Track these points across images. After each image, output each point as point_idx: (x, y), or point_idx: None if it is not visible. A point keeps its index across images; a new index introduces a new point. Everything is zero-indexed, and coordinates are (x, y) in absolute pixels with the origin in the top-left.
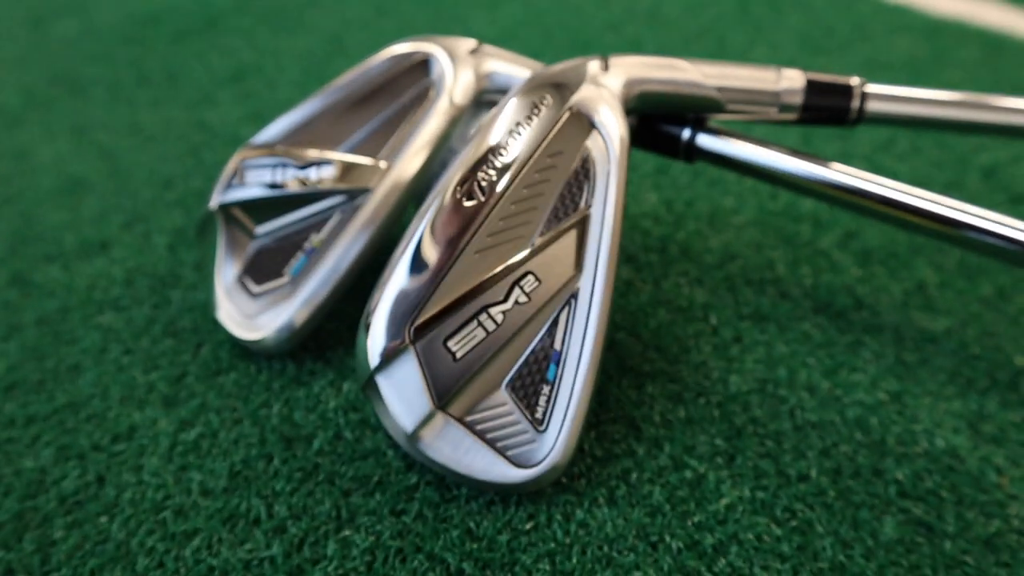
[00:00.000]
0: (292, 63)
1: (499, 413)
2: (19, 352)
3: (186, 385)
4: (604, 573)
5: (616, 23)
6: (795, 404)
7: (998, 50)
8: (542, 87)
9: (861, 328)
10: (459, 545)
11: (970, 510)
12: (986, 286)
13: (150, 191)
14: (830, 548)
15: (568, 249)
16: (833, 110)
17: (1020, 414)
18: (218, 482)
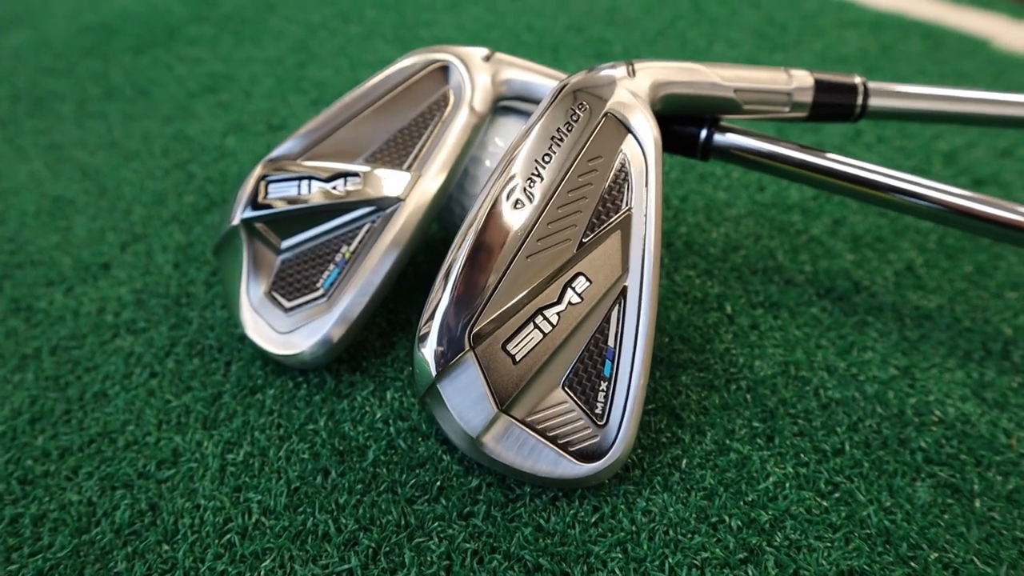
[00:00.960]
0: (264, 72)
1: (560, 411)
2: (38, 383)
3: (224, 405)
4: (675, 556)
5: (579, 24)
6: (818, 384)
7: (939, 43)
8: (577, 94)
9: (864, 310)
10: (533, 542)
11: (988, 471)
12: (966, 264)
13: (143, 209)
14: (874, 515)
15: (614, 249)
16: (839, 107)
17: (1017, 379)
18: (278, 500)
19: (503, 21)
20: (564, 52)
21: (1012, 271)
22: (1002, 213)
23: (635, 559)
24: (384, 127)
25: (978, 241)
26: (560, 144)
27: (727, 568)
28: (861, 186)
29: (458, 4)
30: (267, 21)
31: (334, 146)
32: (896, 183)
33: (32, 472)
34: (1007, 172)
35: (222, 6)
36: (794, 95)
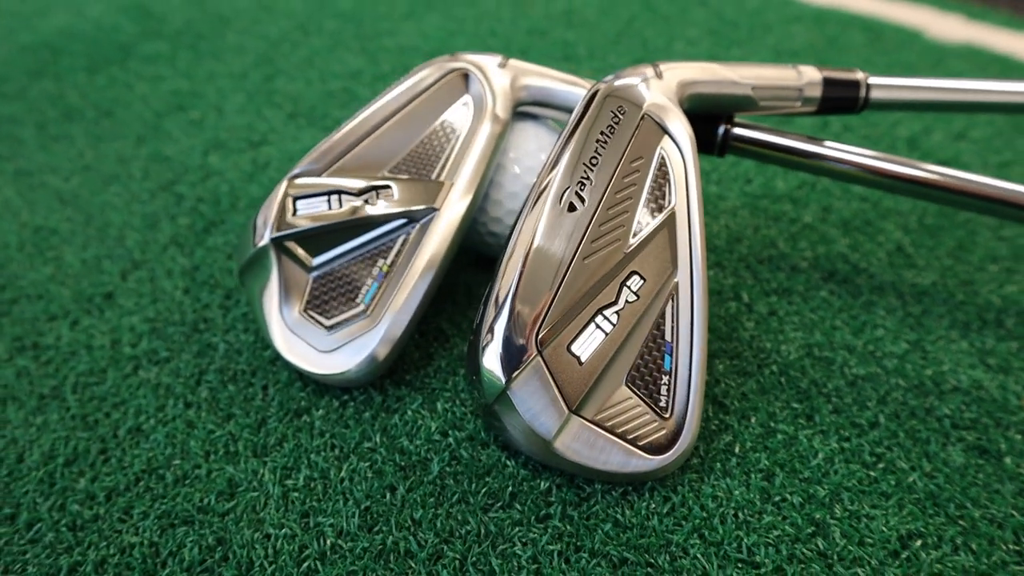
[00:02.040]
0: (232, 87)
1: (626, 408)
2: (64, 423)
3: (271, 430)
4: (750, 537)
5: (540, 28)
6: (841, 362)
7: (878, 35)
8: (614, 98)
9: (867, 290)
10: (615, 537)
11: (1008, 431)
12: (947, 240)
13: (136, 234)
14: (919, 481)
15: (663, 246)
16: (845, 100)
17: (1014, 344)
18: (351, 522)
19: (464, 27)
20: (533, 56)
21: (988, 245)
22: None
23: (713, 543)
24: (407, 138)
25: (952, 219)
26: (605, 147)
27: (798, 543)
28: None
29: (415, 12)
30: (224, 36)
31: (357, 160)
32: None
33: (81, 517)
34: (965, 154)
35: (171, 22)
36: (805, 90)
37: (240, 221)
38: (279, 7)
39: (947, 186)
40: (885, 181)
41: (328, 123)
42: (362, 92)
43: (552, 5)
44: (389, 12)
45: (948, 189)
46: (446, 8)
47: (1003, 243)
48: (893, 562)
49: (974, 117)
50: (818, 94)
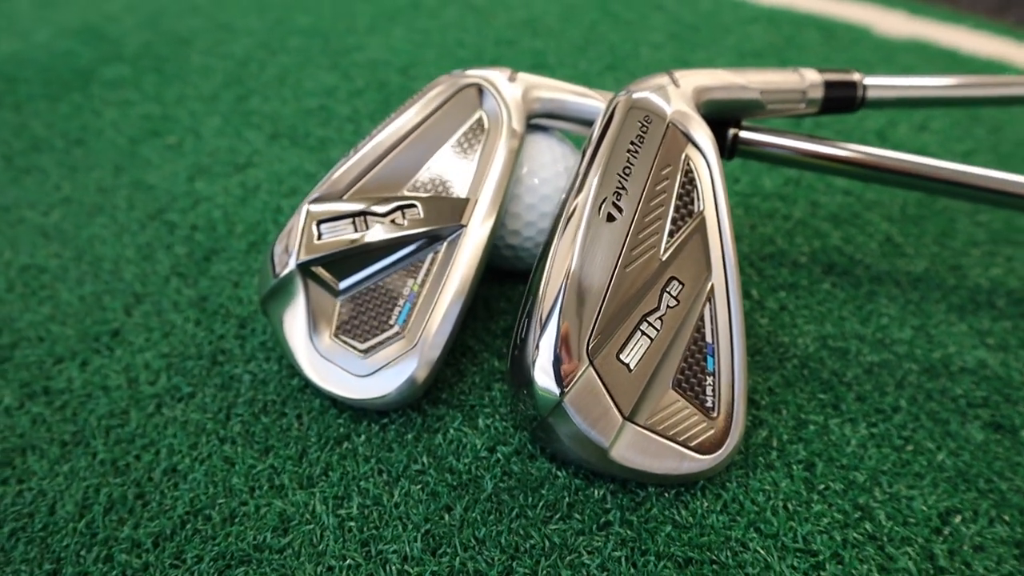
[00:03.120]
0: (204, 109)
1: (675, 411)
2: (93, 470)
3: (314, 460)
4: (803, 527)
5: (507, 38)
6: (856, 352)
7: (830, 33)
8: (639, 109)
9: (867, 280)
10: (676, 538)
11: (1018, 405)
12: (931, 228)
13: (133, 267)
14: (947, 459)
15: (697, 251)
16: (844, 100)
17: (1007, 323)
18: (413, 546)
19: (431, 39)
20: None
21: (968, 231)
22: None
23: (770, 536)
24: (423, 155)
25: (931, 207)
26: (636, 157)
27: (848, 528)
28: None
29: (378, 26)
30: (187, 57)
31: (377, 180)
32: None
33: (130, 567)
34: (929, 144)
35: (128, 45)
36: (808, 92)
37: (241, 247)
38: (237, 26)
39: (946, 177)
40: (885, 175)
41: (311, 142)
42: (340, 109)
43: (513, 14)
44: (352, 27)
45: (947, 180)
46: (409, 21)
47: (980, 228)
48: (937, 539)
49: (931, 111)
50: (820, 95)
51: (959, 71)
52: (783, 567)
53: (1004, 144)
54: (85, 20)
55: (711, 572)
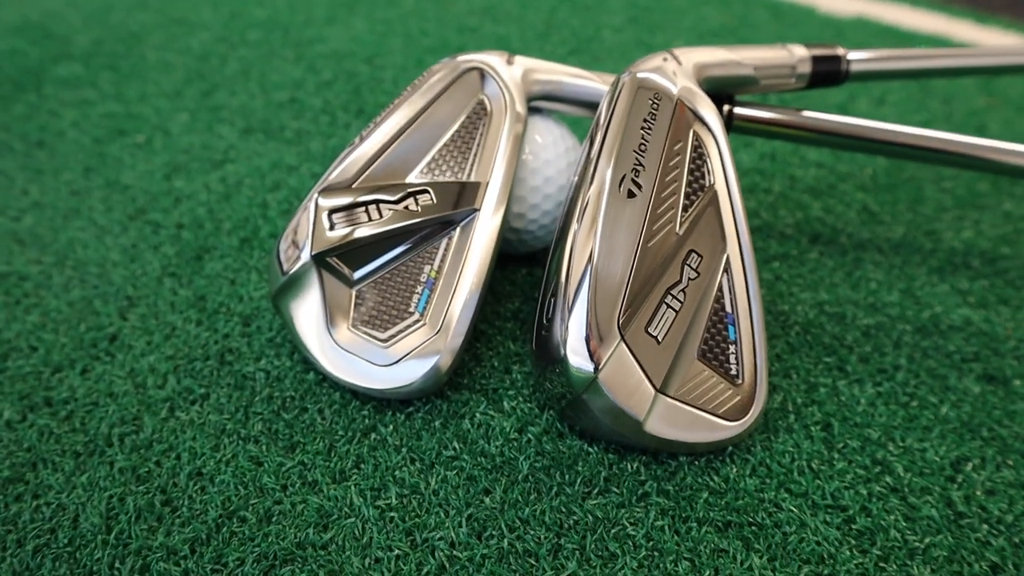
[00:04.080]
0: (170, 106)
1: (702, 380)
2: (112, 479)
3: (344, 453)
4: (830, 484)
5: (469, 25)
6: (851, 316)
7: (778, 13)
8: (647, 87)
9: (851, 247)
10: (714, 504)
11: (1006, 358)
12: (902, 196)
13: (121, 270)
14: (950, 411)
15: (712, 223)
16: (830, 74)
17: (984, 282)
18: (459, 531)
19: (393, 29)
20: None
21: (936, 197)
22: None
23: (800, 495)
24: (429, 141)
25: (898, 176)
26: (650, 133)
27: (871, 482)
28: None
29: (337, 17)
30: (141, 54)
31: (385, 167)
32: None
33: (170, 575)
34: (888, 117)
35: (77, 43)
36: (797, 67)
37: (233, 244)
38: (190, 20)
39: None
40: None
41: (288, 135)
42: (311, 101)
43: (472, 1)
44: (310, 18)
45: (929, 148)
46: (368, 11)
47: (946, 194)
48: (952, 486)
49: (888, 84)
50: (808, 70)
51: (902, 46)
52: (817, 523)
53: (956, 114)
54: (25, 17)
55: (751, 533)
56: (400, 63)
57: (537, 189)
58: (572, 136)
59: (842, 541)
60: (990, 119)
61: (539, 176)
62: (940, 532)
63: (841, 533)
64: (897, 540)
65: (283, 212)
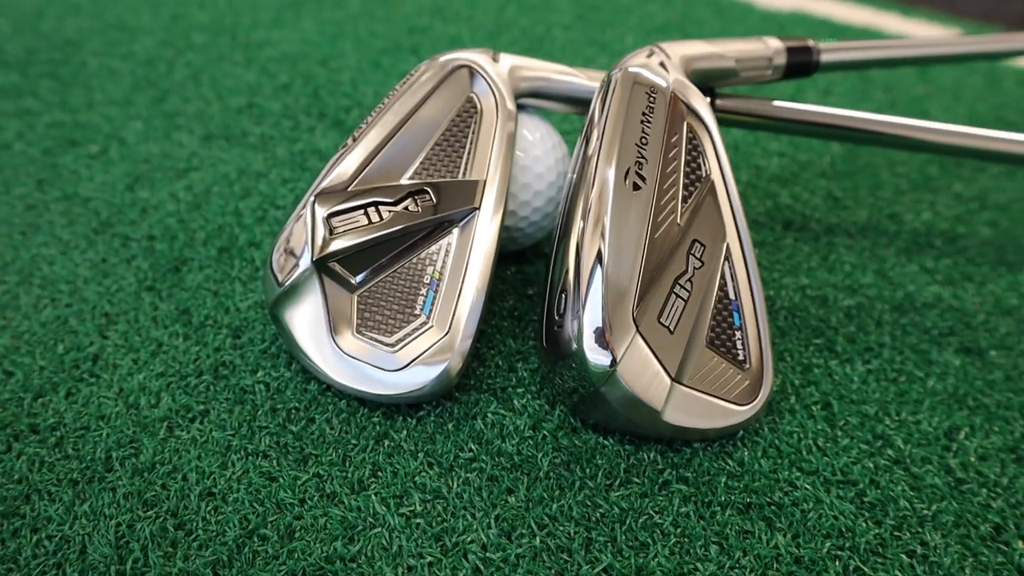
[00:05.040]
0: (121, 114)
1: (712, 367)
2: (118, 507)
3: (359, 462)
4: (838, 460)
5: (419, 25)
6: (833, 299)
7: (720, 10)
8: (643, 82)
9: (822, 232)
10: (734, 487)
11: (978, 331)
12: (861, 182)
13: (93, 286)
14: (937, 384)
15: (711, 213)
16: (803, 65)
17: (948, 260)
18: (488, 533)
19: (343, 30)
20: (425, 53)
21: (892, 182)
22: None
23: (811, 473)
24: (421, 140)
25: (855, 162)
26: (649, 127)
27: (875, 456)
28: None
29: (283, 19)
30: (82, 60)
31: (379, 169)
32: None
33: None
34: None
35: (9, 51)
36: (773, 59)
37: (211, 255)
38: (129, 24)
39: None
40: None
41: (252, 140)
42: (271, 105)
43: (419, 1)
44: (256, 21)
45: (896, 135)
46: (314, 13)
47: (901, 178)
48: (948, 454)
49: (831, 76)
50: (783, 61)
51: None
52: (831, 499)
53: (899, 102)
54: None
55: (771, 513)
56: (355, 65)
57: (528, 186)
58: (557, 132)
59: (857, 514)
60: (931, 106)
61: (529, 173)
62: (944, 499)
63: (855, 507)
64: (907, 509)
65: (258, 219)
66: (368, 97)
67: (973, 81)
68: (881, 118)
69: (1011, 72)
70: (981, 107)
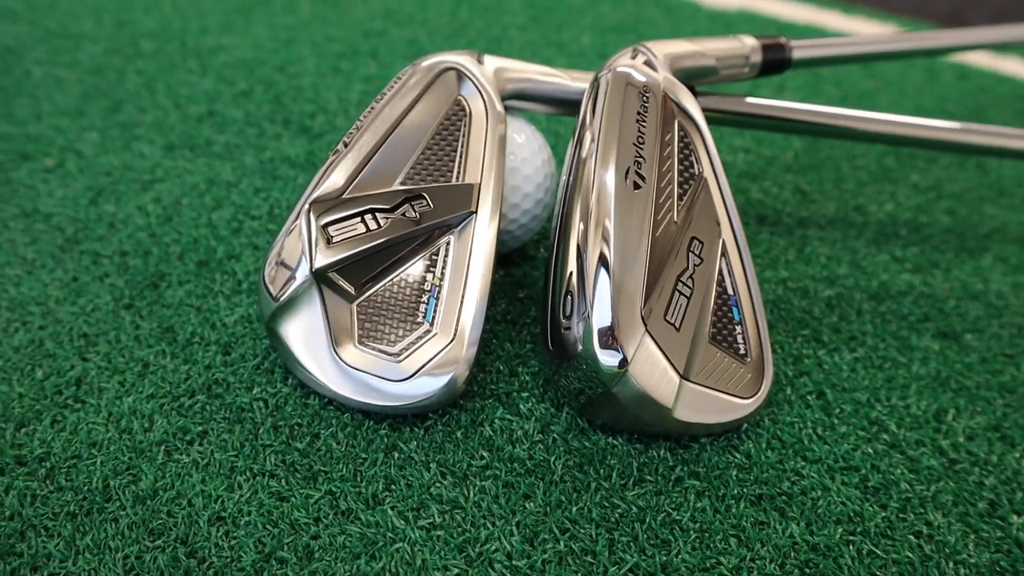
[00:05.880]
0: (73, 126)
1: (717, 363)
2: (123, 539)
3: (372, 477)
4: (839, 447)
5: (375, 29)
6: (813, 290)
7: (669, 10)
8: (635, 82)
9: (794, 226)
10: (744, 480)
11: (950, 316)
12: (825, 176)
13: (68, 307)
14: (920, 368)
15: (706, 210)
16: (777, 62)
17: (914, 248)
18: (511, 541)
19: (297, 35)
20: (385, 57)
21: (854, 175)
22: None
23: (814, 461)
24: (411, 144)
25: (816, 156)
26: (644, 126)
27: (874, 441)
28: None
29: (233, 24)
30: (25, 69)
31: (372, 175)
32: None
33: None
34: None
35: None
36: (750, 57)
37: (189, 269)
38: (72, 32)
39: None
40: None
41: (217, 149)
42: (232, 113)
43: (371, 5)
44: (204, 27)
45: (884, 132)
46: (265, 18)
47: (861, 171)
48: (938, 435)
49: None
50: (759, 59)
51: None
52: (837, 485)
53: (850, 97)
54: None
55: (782, 503)
56: (314, 70)
57: (517, 188)
58: (540, 134)
59: (863, 499)
60: (879, 99)
61: (518, 175)
62: (941, 479)
63: (860, 492)
64: (908, 491)
65: (234, 231)
66: (331, 103)
67: (914, 76)
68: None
69: (948, 67)
70: (925, 100)
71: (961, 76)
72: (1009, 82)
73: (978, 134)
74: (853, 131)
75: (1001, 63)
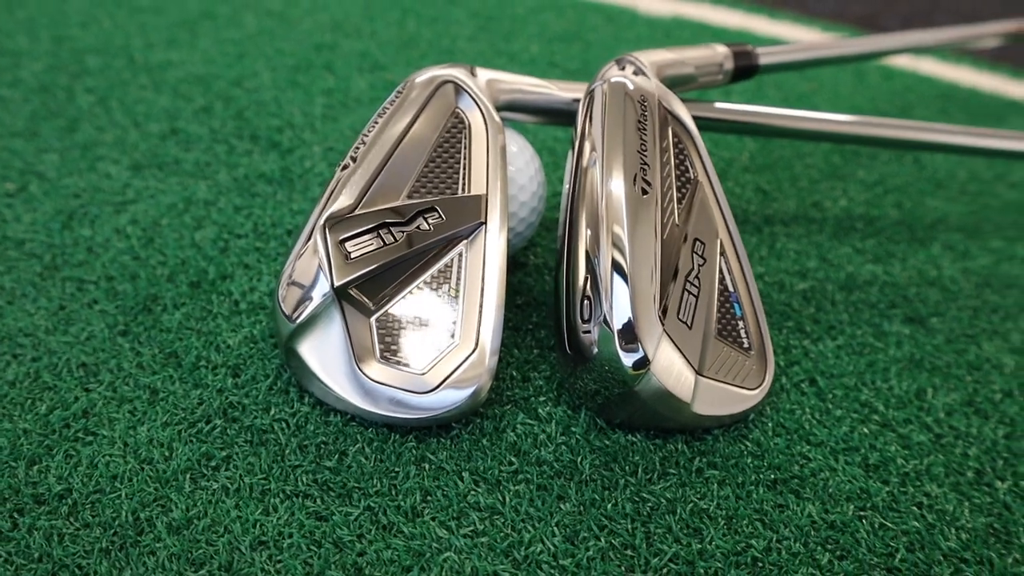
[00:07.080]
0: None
1: (725, 357)
2: (164, 570)
3: (408, 490)
4: (838, 430)
5: (326, 42)
6: (788, 284)
7: (611, 17)
8: (632, 92)
9: (762, 223)
10: (759, 466)
11: (915, 302)
12: (782, 175)
13: (59, 336)
14: (896, 352)
15: (704, 212)
16: (747, 68)
17: (872, 240)
18: (553, 542)
19: (247, 49)
20: (340, 70)
21: (806, 173)
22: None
23: (818, 444)
24: (415, 158)
25: (768, 155)
26: (645, 134)
27: (867, 422)
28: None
29: (178, 39)
30: None
31: (380, 189)
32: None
33: None
34: None
35: None
36: (724, 64)
37: (183, 291)
38: (7, 48)
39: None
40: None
41: (187, 167)
42: (196, 130)
43: (317, 17)
44: (148, 42)
45: (860, 135)
46: (211, 32)
47: (812, 169)
48: (922, 413)
49: None
50: (732, 66)
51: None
52: (842, 465)
53: (790, 98)
54: None
55: (796, 486)
56: (271, 84)
57: (514, 198)
58: (529, 144)
59: (867, 477)
60: (817, 100)
61: (514, 185)
62: (931, 453)
63: (863, 470)
64: (905, 466)
65: (221, 251)
66: (296, 117)
67: (845, 78)
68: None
69: (873, 68)
70: (859, 99)
71: (886, 77)
72: (928, 82)
73: (913, 130)
74: (809, 132)
75: (920, 64)
